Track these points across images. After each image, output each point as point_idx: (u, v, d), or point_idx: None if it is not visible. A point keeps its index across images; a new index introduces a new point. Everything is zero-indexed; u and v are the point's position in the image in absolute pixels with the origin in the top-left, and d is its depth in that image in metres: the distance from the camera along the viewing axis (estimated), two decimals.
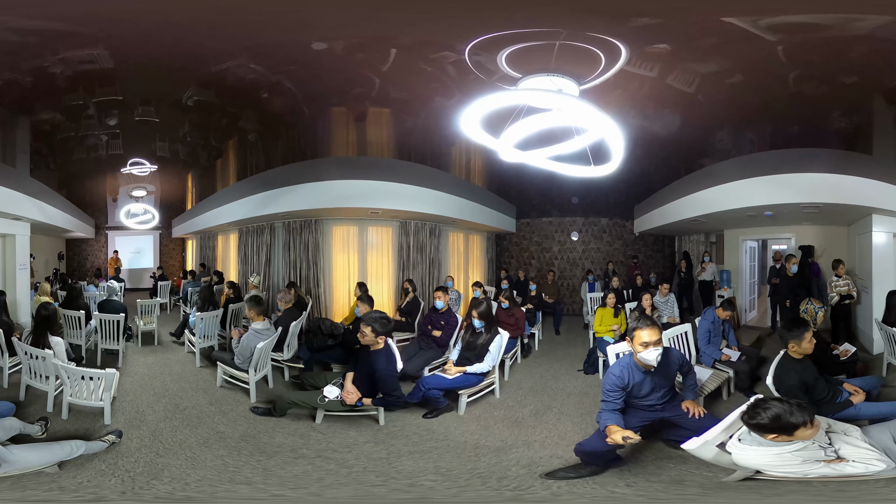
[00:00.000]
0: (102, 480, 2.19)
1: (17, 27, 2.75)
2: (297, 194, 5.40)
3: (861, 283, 4.84)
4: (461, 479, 2.27)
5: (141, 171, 6.60)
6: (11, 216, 5.00)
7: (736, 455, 1.81)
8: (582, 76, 3.11)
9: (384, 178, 5.34)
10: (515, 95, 2.71)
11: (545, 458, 2.47)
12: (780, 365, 2.46)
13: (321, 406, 2.89)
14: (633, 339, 2.21)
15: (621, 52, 2.90)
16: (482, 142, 3.04)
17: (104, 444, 2.48)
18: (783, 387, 2.35)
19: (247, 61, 3.52)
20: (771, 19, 2.56)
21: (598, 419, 2.22)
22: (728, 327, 3.81)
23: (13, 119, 4.79)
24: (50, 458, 2.19)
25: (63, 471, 2.22)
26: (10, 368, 3.47)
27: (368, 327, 2.80)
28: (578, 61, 2.91)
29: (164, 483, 2.19)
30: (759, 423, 1.73)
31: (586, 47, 2.79)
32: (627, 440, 2.00)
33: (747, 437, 1.82)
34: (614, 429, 2.07)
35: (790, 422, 1.69)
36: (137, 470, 2.30)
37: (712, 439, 1.84)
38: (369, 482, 2.24)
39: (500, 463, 2.43)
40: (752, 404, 1.78)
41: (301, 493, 2.15)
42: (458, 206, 6.17)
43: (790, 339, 2.38)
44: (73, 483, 2.14)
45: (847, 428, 1.96)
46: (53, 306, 3.40)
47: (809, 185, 4.40)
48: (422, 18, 2.65)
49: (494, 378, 3.48)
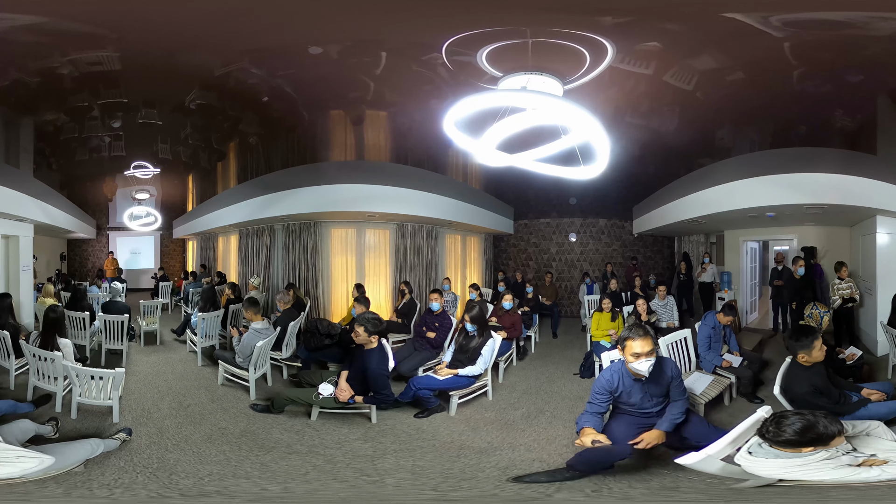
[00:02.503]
0: (131, 477, 2.24)
1: (32, 27, 2.76)
2: (296, 198, 5.46)
3: (865, 286, 4.77)
4: (429, 478, 2.28)
5: (144, 173, 6.67)
6: (15, 217, 5.05)
7: (748, 467, 1.73)
8: (566, 74, 3.08)
9: (382, 182, 5.38)
10: (487, 97, 2.60)
11: (527, 462, 2.46)
12: (789, 373, 2.36)
13: (316, 403, 2.96)
14: (625, 349, 2.18)
15: (607, 50, 2.87)
16: (464, 146, 3.00)
17: (117, 441, 2.55)
18: (794, 396, 2.27)
19: (248, 66, 3.56)
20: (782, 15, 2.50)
21: (578, 420, 2.22)
22: (729, 332, 3.73)
23: (17, 119, 4.84)
24: (76, 458, 2.25)
25: (88, 469, 2.27)
26: (16, 370, 3.50)
27: (361, 327, 2.89)
28: (561, 59, 2.88)
29: (182, 478, 2.25)
30: (789, 440, 1.65)
31: (568, 45, 2.76)
32: (596, 443, 2.01)
33: (759, 450, 1.74)
34: (587, 431, 2.08)
35: (825, 432, 1.63)
36: (154, 466, 2.37)
37: (716, 453, 1.76)
38: (340, 478, 2.28)
39: (478, 464, 2.44)
40: (773, 421, 1.70)
41: (279, 488, 2.19)
42: (455, 208, 6.19)
43: (798, 349, 2.29)
44: (109, 480, 2.20)
45: (869, 427, 1.88)
46: (61, 308, 3.46)
47: (813, 186, 4.32)
48: (402, 18, 2.65)
49: (487, 380, 3.48)
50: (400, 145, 5.69)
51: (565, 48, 2.78)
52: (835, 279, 4.64)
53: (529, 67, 2.89)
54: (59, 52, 3.23)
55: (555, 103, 2.64)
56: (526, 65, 2.86)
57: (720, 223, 6.18)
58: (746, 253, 6.56)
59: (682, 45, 2.98)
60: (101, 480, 2.19)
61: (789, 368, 2.39)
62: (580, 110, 2.55)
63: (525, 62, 2.83)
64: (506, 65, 2.95)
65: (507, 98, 2.70)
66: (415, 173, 5.79)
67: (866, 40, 2.68)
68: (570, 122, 2.76)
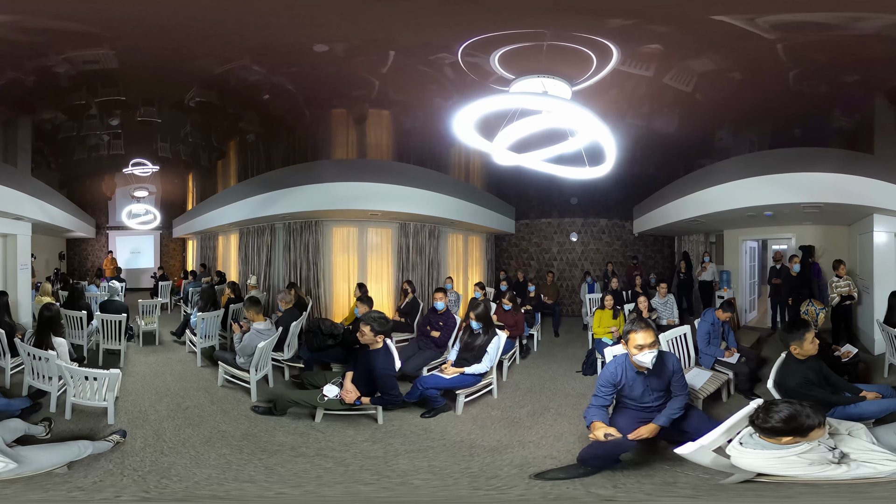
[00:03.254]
0: (115, 480, 2.20)
1: (25, 26, 2.74)
2: (297, 196, 5.44)
3: (862, 284, 4.81)
4: (451, 478, 2.28)
5: (143, 171, 6.62)
6: (13, 216, 5.02)
7: (735, 458, 1.77)
8: (574, 77, 3.11)
9: (384, 181, 5.36)
10: (504, 99, 2.70)
11: (539, 459, 2.48)
12: (783, 367, 2.41)
13: (321, 405, 2.92)
14: (628, 341, 2.23)
15: (613, 53, 2.89)
16: (477, 146, 3.05)
17: (109, 443, 2.49)
18: (786, 389, 2.31)
19: (249, 63, 3.53)
20: (767, 17, 2.54)
21: (585, 414, 2.26)
22: (728, 329, 3.78)
23: (15, 118, 4.80)
24: (61, 458, 2.19)
25: (73, 471, 2.23)
26: (11, 369, 3.48)
27: (367, 326, 2.85)
28: (569, 62, 2.91)
29: (174, 482, 2.20)
30: (774, 427, 1.67)
31: (576, 48, 2.79)
32: (608, 437, 2.05)
33: (749, 440, 1.78)
34: (598, 425, 2.12)
35: (805, 423, 1.64)
36: (145, 469, 2.31)
37: (709, 444, 1.79)
38: (362, 480, 2.26)
39: (494, 463, 2.45)
40: (763, 408, 1.73)
41: (298, 491, 2.16)
42: (457, 207, 6.19)
43: (790, 341, 2.34)
44: (87, 483, 2.15)
45: (852, 427, 1.91)
46: (56, 307, 3.41)
47: (810, 185, 4.34)
48: (418, 19, 2.66)
49: (492, 378, 3.49)
50: (403, 144, 5.69)
51: (573, 51, 2.80)
52: (833, 277, 4.67)
53: (543, 70, 2.91)
54: (55, 51, 3.19)
55: (569, 107, 2.72)
56: (538, 67, 2.89)
57: (719, 223, 6.23)
58: (745, 252, 6.61)
59: (679, 48, 3.02)
60: (81, 483, 2.11)
61: (784, 362, 2.43)
62: (590, 114, 2.66)
63: (537, 65, 2.86)
64: (516, 67, 2.97)
65: (526, 101, 2.77)
66: (417, 172, 5.78)
67: (852, 39, 2.71)
68: (581, 124, 2.83)
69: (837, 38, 2.72)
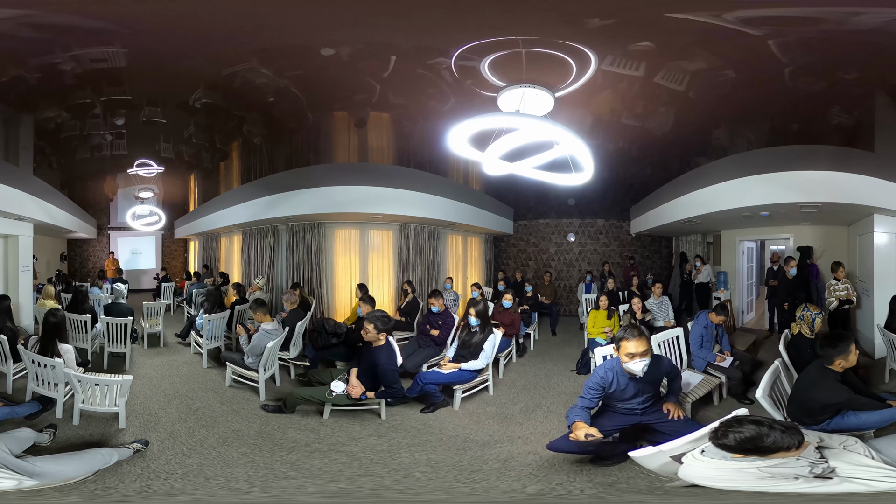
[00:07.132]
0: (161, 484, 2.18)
1: (33, 22, 2.70)
2: (300, 199, 5.49)
3: (862, 286, 4.62)
4: (443, 471, 2.35)
5: (147, 171, 6.64)
6: (14, 216, 4.94)
7: (683, 468, 1.71)
8: (554, 85, 3.14)
9: (384, 184, 5.41)
10: (482, 121, 2.83)
11: (522, 454, 2.55)
12: (820, 385, 2.18)
13: (329, 400, 3.01)
14: (620, 349, 2.22)
15: (591, 56, 2.91)
16: (470, 157, 3.13)
17: (130, 450, 2.45)
18: (825, 405, 2.15)
19: (256, 65, 3.54)
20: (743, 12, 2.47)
21: (568, 414, 2.27)
22: (721, 332, 3.72)
23: (17, 116, 4.72)
24: (87, 468, 2.14)
25: (101, 478, 2.16)
26: (14, 374, 3.39)
27: (371, 324, 2.95)
28: (550, 70, 2.93)
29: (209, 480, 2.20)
30: (726, 445, 1.62)
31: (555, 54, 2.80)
32: (589, 437, 2.05)
33: (712, 450, 1.70)
34: (580, 425, 2.11)
35: (769, 446, 1.57)
36: (179, 472, 2.29)
37: (669, 450, 1.76)
38: (378, 474, 2.33)
39: (482, 457, 2.51)
40: (726, 423, 1.67)
41: (332, 486, 2.17)
42: (456, 209, 6.25)
43: (835, 356, 2.16)
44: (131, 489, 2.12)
45: (847, 441, 1.77)
46: (62, 312, 3.27)
47: (808, 184, 4.16)
48: (417, 23, 2.69)
49: (488, 375, 3.56)
50: (403, 147, 5.73)
51: (554, 58, 2.83)
52: (831, 280, 4.48)
53: (524, 80, 2.96)
54: (61, 48, 3.14)
55: (540, 125, 2.85)
56: (520, 77, 2.93)
57: (716, 223, 6.14)
58: (743, 253, 6.52)
59: (668, 46, 2.98)
60: (131, 488, 2.10)
61: (819, 378, 2.19)
62: (562, 130, 2.79)
63: (520, 74, 2.90)
64: (504, 74, 3.01)
65: (499, 121, 2.93)
66: (417, 175, 5.84)
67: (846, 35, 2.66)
68: (557, 136, 2.94)
69: (834, 34, 2.65)
